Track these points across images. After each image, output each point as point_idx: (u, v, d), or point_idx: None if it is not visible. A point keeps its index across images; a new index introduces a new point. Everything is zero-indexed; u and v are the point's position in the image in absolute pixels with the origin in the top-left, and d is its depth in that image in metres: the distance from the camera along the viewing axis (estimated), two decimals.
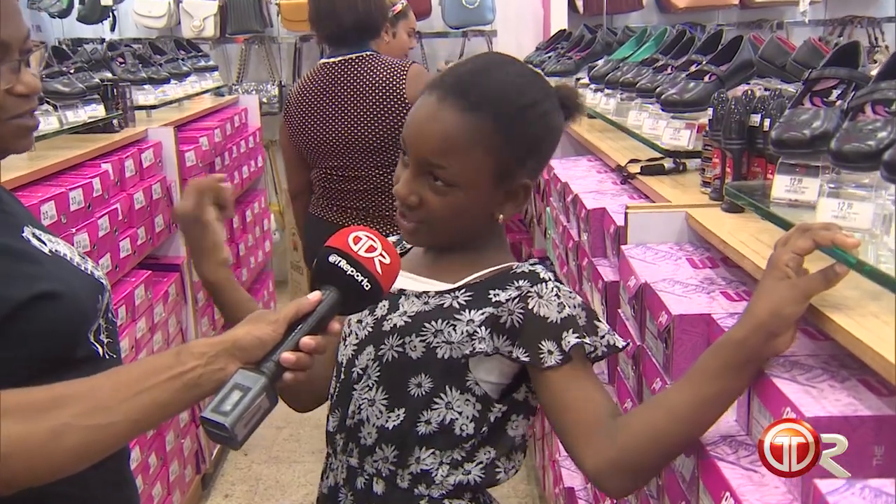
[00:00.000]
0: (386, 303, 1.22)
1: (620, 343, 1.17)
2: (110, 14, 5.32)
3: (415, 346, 1.17)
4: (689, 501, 1.17)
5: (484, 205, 1.19)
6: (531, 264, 1.21)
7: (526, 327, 1.12)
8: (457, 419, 1.17)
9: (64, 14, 5.21)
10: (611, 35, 3.30)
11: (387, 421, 1.19)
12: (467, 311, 1.16)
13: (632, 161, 2.14)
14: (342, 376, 1.26)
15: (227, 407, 0.94)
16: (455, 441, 1.17)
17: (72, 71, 2.76)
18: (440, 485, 1.18)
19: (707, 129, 1.73)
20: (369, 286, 1.06)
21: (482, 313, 1.15)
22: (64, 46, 3.80)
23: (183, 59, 4.03)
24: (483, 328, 1.14)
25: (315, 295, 1.05)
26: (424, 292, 1.21)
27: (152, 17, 5.30)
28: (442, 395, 1.17)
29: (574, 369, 1.12)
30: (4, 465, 0.89)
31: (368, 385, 1.21)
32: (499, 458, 1.20)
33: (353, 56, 2.61)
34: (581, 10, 5.13)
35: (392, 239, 1.29)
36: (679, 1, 5.10)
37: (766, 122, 1.49)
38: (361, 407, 1.21)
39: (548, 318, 1.12)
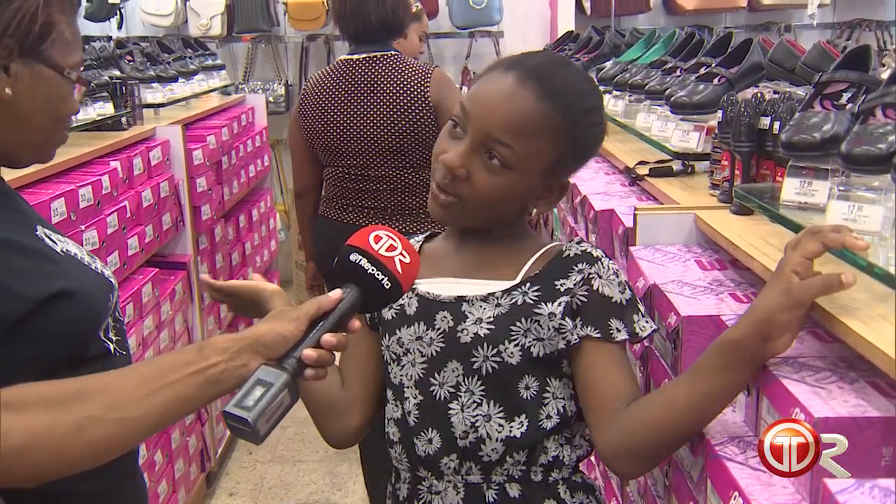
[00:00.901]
0: (446, 313, 1.20)
1: (653, 325, 1.21)
2: (117, 12, 5.33)
3: (511, 353, 1.17)
4: (696, 501, 1.17)
5: (526, 195, 1.19)
6: (577, 243, 1.22)
7: (591, 305, 1.16)
8: (565, 404, 1.20)
9: None
10: (619, 37, 3.31)
11: (511, 431, 1.18)
12: (544, 304, 1.17)
13: (640, 163, 2.14)
14: (419, 397, 1.22)
15: (249, 402, 0.95)
16: (566, 422, 1.21)
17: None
18: (567, 465, 1.22)
19: (716, 131, 1.73)
20: (389, 285, 1.07)
21: (559, 304, 1.17)
22: None
23: (190, 58, 4.04)
24: (567, 319, 1.16)
25: (336, 293, 1.06)
26: (490, 294, 1.19)
27: (159, 15, 5.31)
28: (548, 388, 1.19)
29: (621, 350, 1.17)
30: (26, 458, 0.89)
31: (475, 401, 1.18)
32: (585, 426, 1.24)
33: (378, 55, 2.60)
34: (588, 11, 5.14)
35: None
36: (686, 3, 5.10)
37: (776, 125, 1.50)
38: (477, 425, 1.18)
39: (612, 297, 1.17)
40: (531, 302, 1.17)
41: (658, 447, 1.14)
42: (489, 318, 1.18)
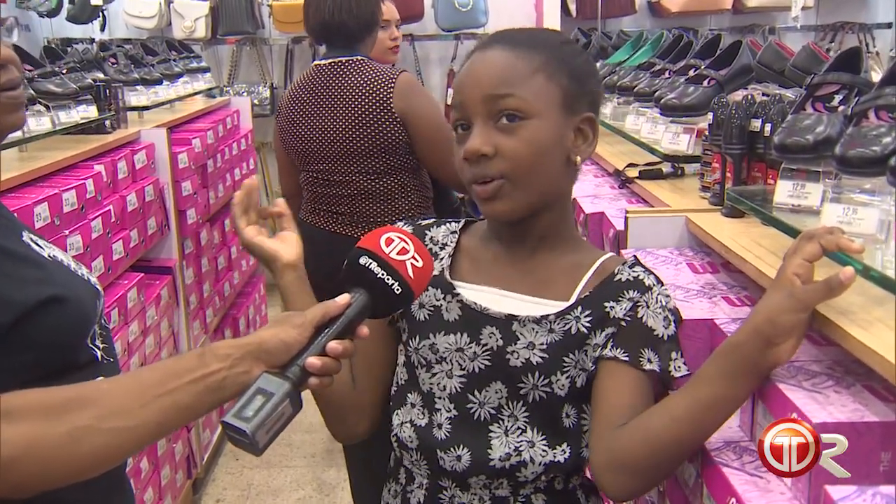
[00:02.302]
0: (495, 330, 1.15)
1: (687, 369, 1.15)
2: (100, 14, 5.29)
3: (562, 385, 1.13)
4: None
5: (558, 142, 1.12)
6: (630, 266, 1.17)
7: (628, 331, 1.12)
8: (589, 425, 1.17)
9: (53, 13, 5.17)
10: (605, 39, 3.31)
11: (555, 457, 1.14)
12: (594, 333, 1.13)
13: (630, 165, 2.13)
14: (454, 412, 1.16)
15: (249, 413, 0.92)
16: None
17: (64, 71, 2.74)
18: (580, 469, 1.19)
19: (706, 133, 1.73)
20: (400, 290, 1.03)
21: (605, 335, 1.12)
22: (54, 46, 3.79)
23: (175, 60, 4.01)
24: (606, 348, 1.12)
25: (343, 298, 1.02)
26: (543, 317, 1.14)
27: (143, 17, 5.28)
28: (584, 416, 1.16)
29: (646, 380, 1.11)
30: (20, 468, 0.87)
31: (519, 427, 1.14)
32: None
33: (343, 60, 2.57)
34: (574, 13, 5.15)
35: (441, 230, 1.25)
36: (671, 5, 5.12)
37: (767, 128, 1.50)
38: (521, 450, 1.14)
39: (654, 330, 1.12)
40: (584, 331, 1.13)
41: (653, 461, 1.06)
42: (542, 344, 1.13)
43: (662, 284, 1.16)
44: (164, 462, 2.81)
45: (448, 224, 1.26)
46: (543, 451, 1.14)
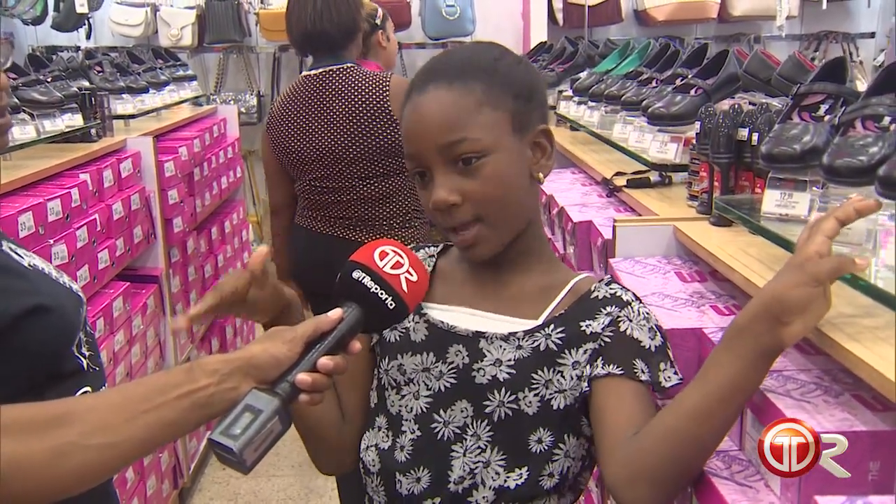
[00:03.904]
0: (461, 348, 1.13)
1: (679, 377, 1.11)
2: (86, 22, 5.27)
3: (530, 402, 1.09)
4: None
5: (520, 166, 1.11)
6: (606, 284, 1.15)
7: (616, 346, 1.09)
8: (571, 465, 1.12)
9: (38, 21, 5.15)
10: (592, 47, 3.32)
11: (506, 481, 1.09)
12: (567, 351, 1.10)
13: (617, 174, 2.14)
14: (417, 433, 1.13)
15: (236, 430, 0.90)
16: (567, 483, 1.13)
17: (49, 79, 2.72)
18: (534, 500, 1.11)
19: (694, 142, 1.73)
20: (394, 305, 1.00)
21: (584, 351, 1.10)
22: (38, 54, 3.77)
23: (161, 69, 3.99)
24: (588, 367, 1.09)
25: (336, 312, 0.99)
26: (511, 334, 1.12)
27: (129, 25, 5.26)
28: (561, 445, 1.10)
29: (644, 390, 1.08)
30: (3, 485, 0.85)
31: (479, 447, 1.10)
32: (587, 480, 1.17)
33: (335, 68, 2.59)
34: (561, 22, 5.17)
35: (420, 254, 1.22)
36: (658, 14, 5.15)
37: (755, 137, 1.50)
38: (475, 472, 1.09)
39: (641, 341, 1.09)
40: (555, 348, 1.10)
41: (672, 465, 1.00)
42: (509, 361, 1.10)
43: (641, 301, 1.15)
44: (150, 472, 2.78)
45: (427, 248, 1.25)
46: (496, 473, 1.09)
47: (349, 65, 2.59)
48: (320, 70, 2.60)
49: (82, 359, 1.13)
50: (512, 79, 1.12)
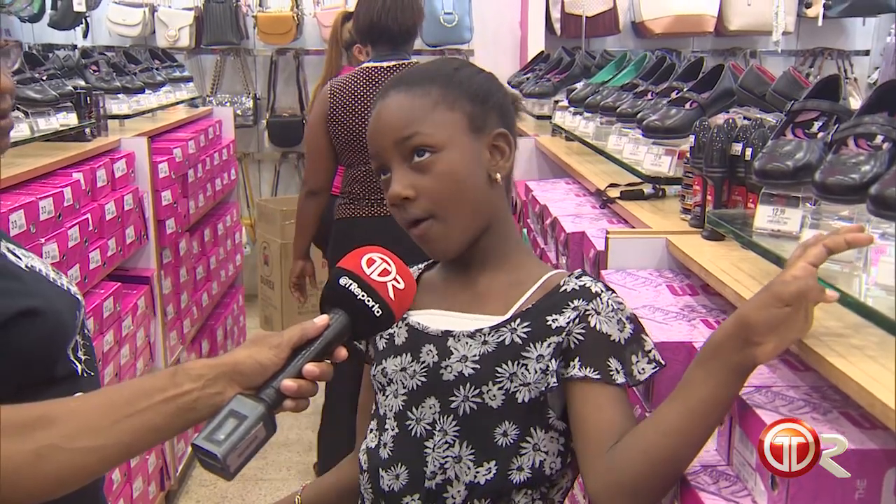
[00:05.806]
0: (432, 347, 1.16)
1: (660, 359, 1.13)
2: (83, 20, 5.26)
3: (493, 395, 1.11)
4: None
5: (475, 165, 1.14)
6: (577, 277, 1.16)
7: (588, 344, 1.10)
8: (545, 459, 1.12)
9: (35, 19, 5.14)
10: (589, 58, 3.32)
11: (476, 476, 1.11)
12: (532, 345, 1.11)
13: (611, 185, 2.14)
14: (395, 430, 1.17)
15: (220, 436, 0.90)
16: (546, 479, 1.13)
17: (44, 77, 2.72)
18: (506, 495, 1.12)
19: (688, 155, 1.74)
20: (380, 312, 1.01)
21: (548, 345, 1.11)
22: (35, 52, 3.76)
23: (157, 69, 3.98)
24: (553, 361, 1.10)
25: (322, 319, 1.00)
26: (478, 330, 1.14)
27: (126, 25, 5.25)
28: (528, 438, 1.11)
29: (621, 393, 1.09)
30: None
31: (447, 441, 1.13)
32: (574, 477, 1.18)
33: (406, 62, 2.78)
34: (558, 32, 5.18)
35: (412, 270, 1.22)
36: (655, 26, 5.16)
37: (748, 152, 1.51)
38: (446, 466, 1.12)
39: (611, 336, 1.10)
40: (519, 342, 1.11)
41: (652, 479, 1.02)
42: (474, 356, 1.13)
43: (613, 292, 1.15)
44: (136, 474, 2.77)
45: (416, 266, 1.27)
46: (467, 467, 1.11)
47: (416, 60, 2.77)
48: (393, 63, 2.77)
49: (77, 363, 1.12)
50: (469, 84, 1.17)
